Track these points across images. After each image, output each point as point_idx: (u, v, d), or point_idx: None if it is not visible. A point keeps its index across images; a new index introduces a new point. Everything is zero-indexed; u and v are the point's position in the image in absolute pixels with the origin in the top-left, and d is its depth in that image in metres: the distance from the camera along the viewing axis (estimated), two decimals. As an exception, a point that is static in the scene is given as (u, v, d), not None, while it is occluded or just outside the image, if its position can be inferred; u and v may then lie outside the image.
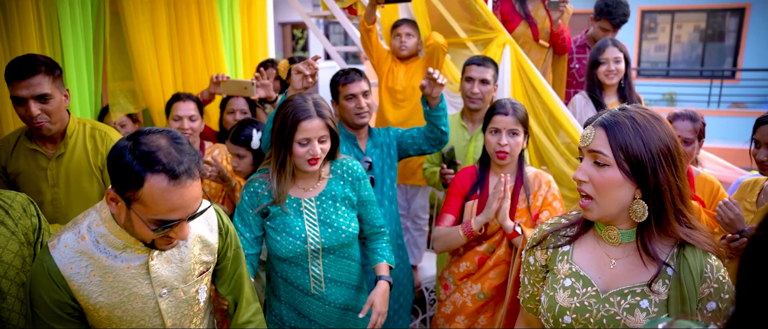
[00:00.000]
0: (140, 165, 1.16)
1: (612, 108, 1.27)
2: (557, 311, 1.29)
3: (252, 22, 3.72)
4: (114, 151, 1.19)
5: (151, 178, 1.16)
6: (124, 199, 1.20)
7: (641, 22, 12.72)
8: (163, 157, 1.17)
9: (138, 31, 2.88)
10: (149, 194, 1.17)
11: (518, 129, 2.19)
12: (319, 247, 1.94)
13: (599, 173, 1.21)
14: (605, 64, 2.93)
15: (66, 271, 1.27)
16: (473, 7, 3.25)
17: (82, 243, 1.29)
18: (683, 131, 2.30)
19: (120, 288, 1.32)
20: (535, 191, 2.23)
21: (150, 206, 1.19)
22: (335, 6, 3.82)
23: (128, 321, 1.36)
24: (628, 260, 1.26)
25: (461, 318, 2.31)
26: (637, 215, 1.21)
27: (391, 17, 3.36)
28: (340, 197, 2.00)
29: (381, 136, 2.62)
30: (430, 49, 3.09)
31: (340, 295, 2.02)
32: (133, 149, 1.17)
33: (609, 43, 2.97)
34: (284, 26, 15.46)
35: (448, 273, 2.37)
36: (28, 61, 1.93)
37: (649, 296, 1.20)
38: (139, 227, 1.24)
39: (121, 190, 1.20)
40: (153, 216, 1.21)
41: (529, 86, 3.11)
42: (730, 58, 12.31)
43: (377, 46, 3.26)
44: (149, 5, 2.93)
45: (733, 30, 12.18)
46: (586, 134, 1.24)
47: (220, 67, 3.25)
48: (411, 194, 3.44)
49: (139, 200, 1.18)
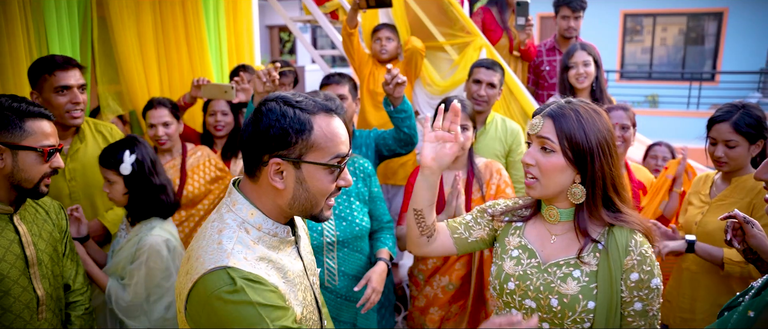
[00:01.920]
0: (305, 112, 1.13)
1: (559, 100, 1.40)
2: (503, 278, 1.45)
3: (238, 26, 3.76)
4: (267, 118, 1.13)
5: (318, 118, 1.14)
6: (293, 160, 1.14)
7: (624, 25, 12.93)
8: (314, 100, 1.17)
9: (124, 34, 2.93)
10: (321, 134, 1.14)
11: (468, 124, 2.32)
12: (335, 240, 2.03)
13: (545, 158, 1.35)
14: (574, 68, 3.01)
15: (269, 280, 1.13)
16: (450, 11, 3.35)
17: (254, 249, 1.15)
18: (620, 118, 2.47)
19: (295, 285, 1.22)
20: (488, 180, 2.37)
21: (324, 147, 1.15)
22: (318, 10, 3.90)
23: (315, 320, 1.29)
24: (566, 236, 1.41)
25: (435, 309, 2.42)
26: (575, 197, 1.36)
27: (371, 22, 3.45)
28: (353, 193, 2.11)
29: (362, 138, 2.71)
30: (408, 53, 3.19)
31: (351, 288, 2.09)
32: (286, 105, 1.14)
33: (578, 47, 3.04)
34: (272, 29, 15.50)
35: (417, 270, 2.50)
36: (63, 56, 2.15)
37: (581, 267, 1.36)
38: (317, 183, 1.17)
39: (288, 149, 1.13)
40: (332, 154, 1.16)
41: (505, 88, 3.22)
42: (709, 61, 12.57)
43: (358, 50, 3.35)
44: (135, 9, 2.98)
45: (712, 33, 12.45)
46: (536, 123, 1.37)
47: (205, 70, 3.30)
48: (392, 193, 3.52)
49: (313, 147, 1.14)
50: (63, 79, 2.10)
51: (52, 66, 2.10)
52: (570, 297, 1.34)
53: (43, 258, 1.69)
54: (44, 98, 2.12)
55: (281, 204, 1.19)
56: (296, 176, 1.15)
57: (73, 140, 2.25)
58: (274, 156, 1.13)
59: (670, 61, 13.08)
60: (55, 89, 2.10)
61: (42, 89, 2.11)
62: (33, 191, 1.64)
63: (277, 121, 1.12)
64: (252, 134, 1.15)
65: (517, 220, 1.52)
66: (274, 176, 1.15)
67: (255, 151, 1.15)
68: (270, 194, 1.18)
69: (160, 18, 3.15)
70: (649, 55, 13.10)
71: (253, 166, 1.17)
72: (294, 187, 1.16)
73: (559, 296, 1.35)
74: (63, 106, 2.11)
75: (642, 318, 1.33)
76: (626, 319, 1.33)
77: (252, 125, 1.15)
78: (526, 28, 3.51)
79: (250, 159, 1.17)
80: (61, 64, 2.11)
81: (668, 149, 3.29)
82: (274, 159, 1.13)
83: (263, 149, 1.13)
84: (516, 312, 1.45)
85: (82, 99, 2.15)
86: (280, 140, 1.12)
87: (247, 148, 1.17)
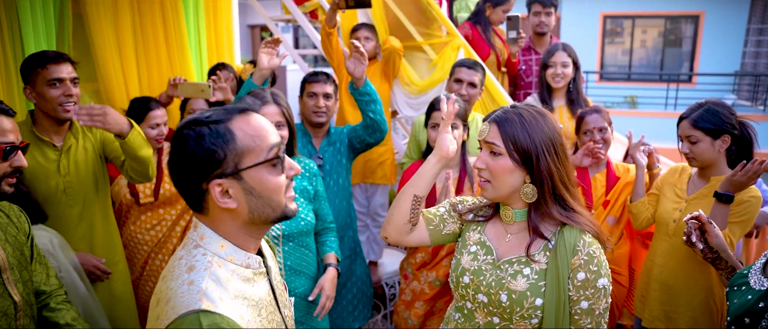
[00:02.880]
0: (219, 123, 1.05)
1: (514, 106, 1.46)
2: (460, 271, 1.52)
3: (218, 25, 3.76)
4: (185, 146, 1.04)
5: (235, 122, 1.06)
6: (231, 174, 1.05)
7: (604, 27, 13.12)
8: (224, 109, 1.09)
9: (101, 31, 2.91)
10: (245, 136, 1.06)
11: (457, 123, 2.36)
12: (280, 233, 2.05)
13: (494, 161, 1.42)
14: (553, 67, 3.07)
15: (243, 323, 1.05)
16: (428, 12, 3.39)
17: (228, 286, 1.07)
18: (596, 121, 2.54)
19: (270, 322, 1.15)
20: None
21: (255, 146, 1.06)
22: (297, 10, 3.92)
23: None
24: (520, 235, 1.48)
25: (420, 304, 2.47)
26: (527, 196, 1.42)
27: (350, 21, 3.48)
28: (298, 189, 2.13)
29: (336, 135, 2.75)
30: (386, 52, 3.22)
31: (299, 285, 2.13)
32: (198, 125, 1.05)
33: (560, 47, 3.09)
34: (253, 28, 15.43)
35: (406, 264, 2.55)
36: (55, 51, 2.17)
37: (531, 265, 1.42)
38: (266, 183, 1.08)
39: (221, 166, 1.04)
40: (266, 149, 1.07)
41: (484, 89, 3.27)
42: (687, 63, 12.81)
43: (337, 50, 3.38)
44: (113, 7, 2.96)
45: (689, 36, 12.69)
46: (483, 129, 1.44)
47: (185, 68, 3.29)
48: (371, 192, 3.55)
49: (244, 151, 1.05)
50: (55, 72, 2.12)
51: (44, 60, 2.13)
52: (518, 294, 1.39)
53: (12, 262, 1.67)
54: (37, 92, 2.14)
55: (241, 223, 1.10)
56: (242, 188, 1.07)
57: (66, 135, 2.27)
58: (211, 180, 1.05)
59: (650, 63, 13.31)
60: (48, 82, 2.12)
61: (35, 84, 2.13)
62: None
63: (197, 144, 1.04)
64: (180, 169, 1.06)
65: (480, 218, 1.57)
66: (222, 199, 1.06)
67: (191, 184, 1.07)
68: (227, 219, 1.09)
69: (139, 15, 3.13)
70: (628, 57, 13.31)
71: (196, 200, 1.08)
72: (246, 200, 1.08)
73: (509, 292, 1.40)
74: (56, 98, 2.14)
75: (588, 316, 1.38)
76: (573, 317, 1.38)
77: (175, 161, 1.07)
78: (517, 41, 3.54)
79: (190, 195, 1.08)
80: (53, 58, 2.14)
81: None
82: (213, 182, 1.05)
83: (198, 178, 1.05)
84: (470, 304, 1.50)
85: (74, 92, 2.17)
86: (209, 161, 1.04)
87: (182, 184, 1.08)
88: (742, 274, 1.58)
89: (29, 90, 2.15)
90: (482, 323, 1.47)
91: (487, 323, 1.46)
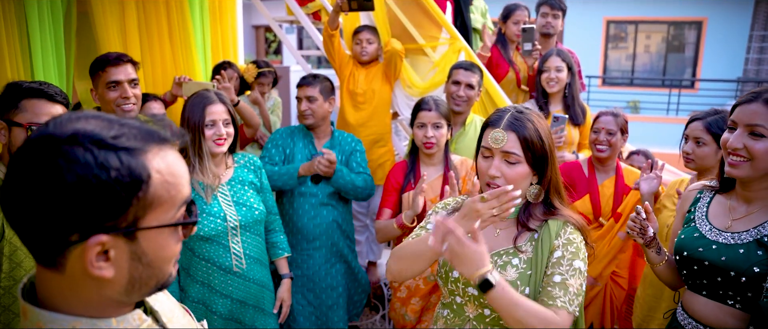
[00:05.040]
0: (132, 153, 0.72)
1: (510, 109, 1.47)
2: (448, 267, 1.52)
3: (223, 25, 3.78)
4: (73, 175, 0.68)
5: (151, 155, 0.75)
6: (125, 232, 0.74)
7: (607, 32, 13.13)
8: (138, 128, 0.76)
9: (106, 30, 2.93)
10: (161, 181, 0.75)
11: (441, 122, 2.43)
12: (238, 224, 2.16)
13: (511, 170, 1.42)
14: (547, 72, 3.09)
15: None
16: (430, 15, 3.42)
17: None
18: (607, 123, 2.56)
19: None
20: (463, 176, 2.48)
21: (168, 198, 0.77)
22: (300, 11, 3.95)
23: None
24: (509, 230, 1.52)
25: (416, 299, 2.50)
26: (531, 196, 1.46)
27: (352, 23, 3.51)
28: (247, 182, 2.27)
29: (343, 143, 2.81)
30: (387, 54, 3.26)
31: (257, 271, 2.26)
32: (102, 148, 0.70)
33: (554, 52, 3.11)
34: (257, 29, 15.48)
35: None
36: (117, 53, 2.29)
37: (519, 255, 1.45)
38: (163, 250, 0.79)
39: (118, 218, 0.72)
40: (178, 204, 0.79)
41: (483, 91, 3.29)
42: (689, 69, 12.81)
43: (339, 51, 3.41)
44: (118, 5, 2.98)
45: (692, 42, 12.70)
46: (499, 137, 1.42)
47: (190, 68, 3.31)
48: (371, 192, 3.58)
49: (153, 203, 0.75)
50: (113, 74, 2.23)
51: (104, 63, 2.24)
52: (509, 284, 1.40)
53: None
54: (99, 94, 2.26)
55: (112, 295, 0.77)
56: (130, 251, 0.75)
57: None
58: (92, 234, 0.70)
59: (653, 68, 13.32)
60: (107, 85, 2.23)
61: (97, 86, 2.25)
62: None
63: (96, 177, 0.68)
64: (46, 200, 0.68)
65: None
66: (96, 264, 0.72)
67: (55, 229, 0.70)
68: (91, 287, 0.76)
69: (144, 14, 3.15)
70: (631, 62, 13.33)
71: (52, 252, 0.72)
72: (129, 268, 0.76)
73: None
74: (113, 101, 2.24)
75: (561, 290, 1.36)
76: (547, 292, 1.37)
77: (41, 189, 0.68)
78: (532, 54, 3.52)
79: (45, 241, 0.71)
80: (113, 60, 2.24)
81: (646, 158, 3.35)
82: (96, 239, 0.70)
83: (72, 226, 0.70)
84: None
85: (131, 94, 2.26)
86: (104, 205, 0.69)
87: (39, 224, 0.70)
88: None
89: (94, 93, 2.27)
90: (473, 316, 1.50)
91: (477, 316, 1.49)
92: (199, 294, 2.17)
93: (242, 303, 2.23)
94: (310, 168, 2.63)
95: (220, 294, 2.17)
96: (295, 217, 2.75)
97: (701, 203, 1.73)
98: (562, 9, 3.73)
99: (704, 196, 1.75)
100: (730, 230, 1.59)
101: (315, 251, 2.78)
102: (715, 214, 1.66)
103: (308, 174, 2.66)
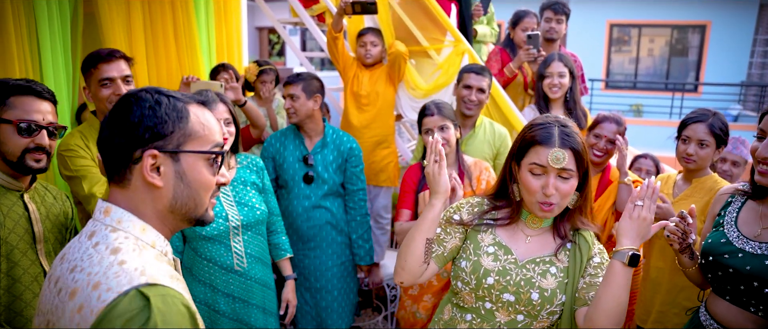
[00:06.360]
0: (179, 100, 1.04)
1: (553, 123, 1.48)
2: (482, 273, 1.53)
3: (228, 26, 3.80)
4: (138, 108, 1.00)
5: (192, 106, 1.05)
6: (171, 152, 1.01)
7: (610, 35, 13.13)
8: (183, 94, 1.08)
9: (112, 31, 2.94)
10: (198, 122, 1.04)
11: (446, 124, 2.43)
12: (239, 224, 2.18)
13: (566, 185, 1.46)
14: (549, 77, 3.09)
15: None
16: (434, 17, 3.44)
17: (160, 267, 0.97)
18: (609, 132, 2.51)
19: None
20: (478, 176, 2.49)
21: (202, 135, 1.04)
22: (305, 13, 3.98)
23: None
24: (540, 237, 1.56)
25: (428, 296, 2.52)
26: (572, 203, 1.51)
27: (357, 25, 3.53)
28: (249, 182, 2.28)
29: (339, 142, 2.82)
30: (392, 56, 3.28)
31: (259, 271, 2.27)
32: (158, 94, 1.03)
33: (555, 57, 3.11)
34: (261, 31, 15.53)
35: None
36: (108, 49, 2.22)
37: (556, 263, 1.51)
38: (199, 175, 1.04)
39: (164, 139, 1.00)
40: (211, 143, 1.06)
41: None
42: (693, 73, 12.80)
43: (343, 54, 3.43)
44: (124, 6, 3.01)
45: (695, 46, 12.69)
46: (561, 157, 1.42)
47: (195, 69, 3.33)
48: (373, 194, 3.59)
49: (191, 135, 1.03)
50: (106, 71, 2.15)
51: (96, 60, 2.16)
52: (550, 291, 1.47)
53: (49, 237, 1.78)
54: (92, 92, 2.18)
55: (161, 208, 1.03)
56: (175, 170, 1.02)
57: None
58: (148, 149, 0.99)
59: (656, 72, 13.31)
60: (100, 82, 2.14)
61: (90, 84, 2.17)
62: (18, 165, 1.67)
63: (151, 110, 0.99)
64: (119, 128, 1.00)
65: (489, 221, 1.60)
66: (151, 173, 0.99)
67: (124, 148, 0.99)
68: (147, 198, 1.02)
69: (149, 15, 3.17)
70: (634, 66, 13.33)
71: (120, 166, 1.01)
72: (174, 184, 1.02)
73: (540, 290, 1.47)
74: (107, 98, 2.16)
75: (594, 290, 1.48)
76: (581, 290, 1.48)
77: (118, 118, 1.00)
78: (537, 60, 3.51)
79: (116, 159, 1.01)
80: (105, 56, 2.16)
81: (653, 162, 3.35)
82: (149, 151, 0.99)
83: (135, 144, 0.99)
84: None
85: (124, 91, 2.17)
86: (155, 129, 0.99)
87: (113, 146, 1.00)
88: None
89: (87, 91, 2.19)
90: (504, 321, 1.52)
91: (509, 322, 1.52)
92: (202, 295, 2.19)
93: (245, 302, 2.25)
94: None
95: (223, 294, 2.19)
96: (290, 219, 2.79)
97: (732, 207, 1.74)
98: (565, 13, 3.74)
99: (736, 200, 1.75)
100: (759, 240, 1.60)
101: (310, 252, 2.84)
102: (745, 220, 1.68)
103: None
